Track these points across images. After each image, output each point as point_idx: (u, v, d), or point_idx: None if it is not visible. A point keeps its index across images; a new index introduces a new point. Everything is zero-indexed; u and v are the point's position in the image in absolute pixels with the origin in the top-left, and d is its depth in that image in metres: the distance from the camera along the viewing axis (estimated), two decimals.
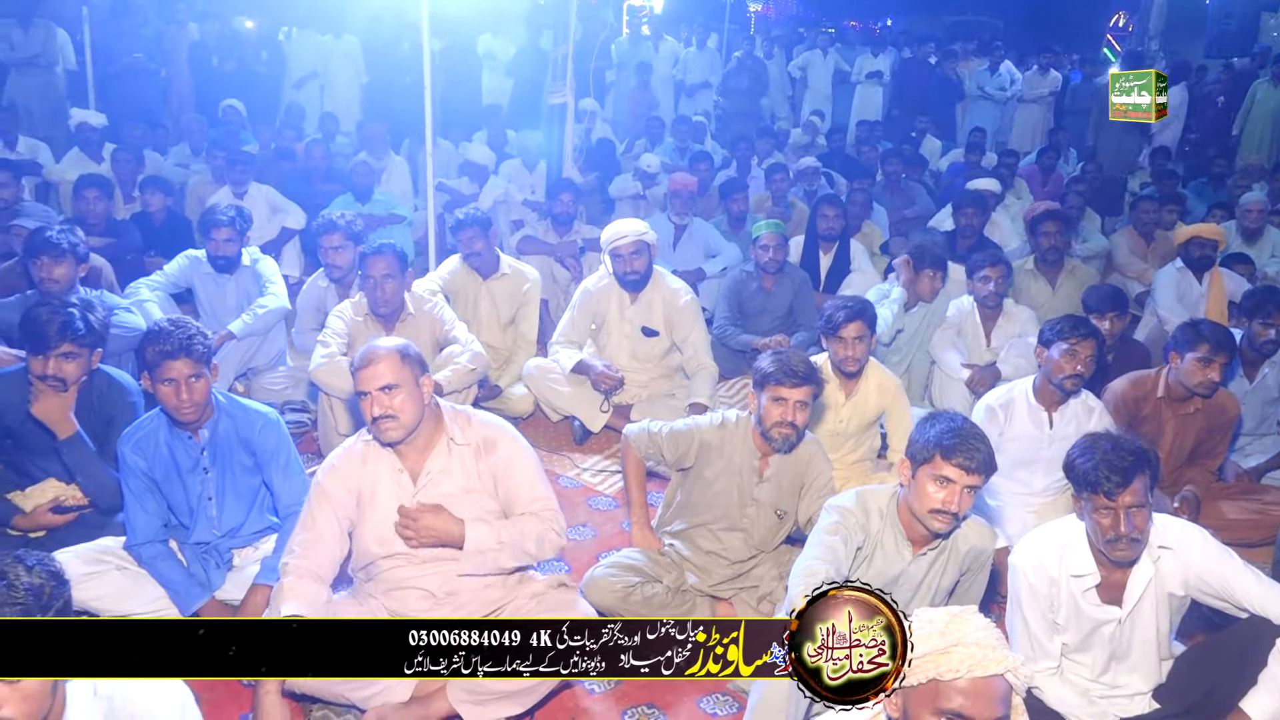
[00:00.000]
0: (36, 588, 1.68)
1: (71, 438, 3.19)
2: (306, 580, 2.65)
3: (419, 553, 2.70)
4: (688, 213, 6.30)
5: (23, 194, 5.85)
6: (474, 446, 2.75)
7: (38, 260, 4.03)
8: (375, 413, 2.60)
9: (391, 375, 2.60)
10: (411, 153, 7.91)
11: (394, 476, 2.71)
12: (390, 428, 2.61)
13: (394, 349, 2.66)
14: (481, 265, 4.94)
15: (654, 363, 4.74)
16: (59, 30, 8.49)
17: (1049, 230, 5.22)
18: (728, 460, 3.21)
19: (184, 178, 7.23)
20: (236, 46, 9.74)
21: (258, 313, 4.78)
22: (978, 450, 2.49)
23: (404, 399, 2.61)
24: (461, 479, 2.73)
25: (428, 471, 2.71)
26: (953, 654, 1.69)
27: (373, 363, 2.62)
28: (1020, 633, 2.65)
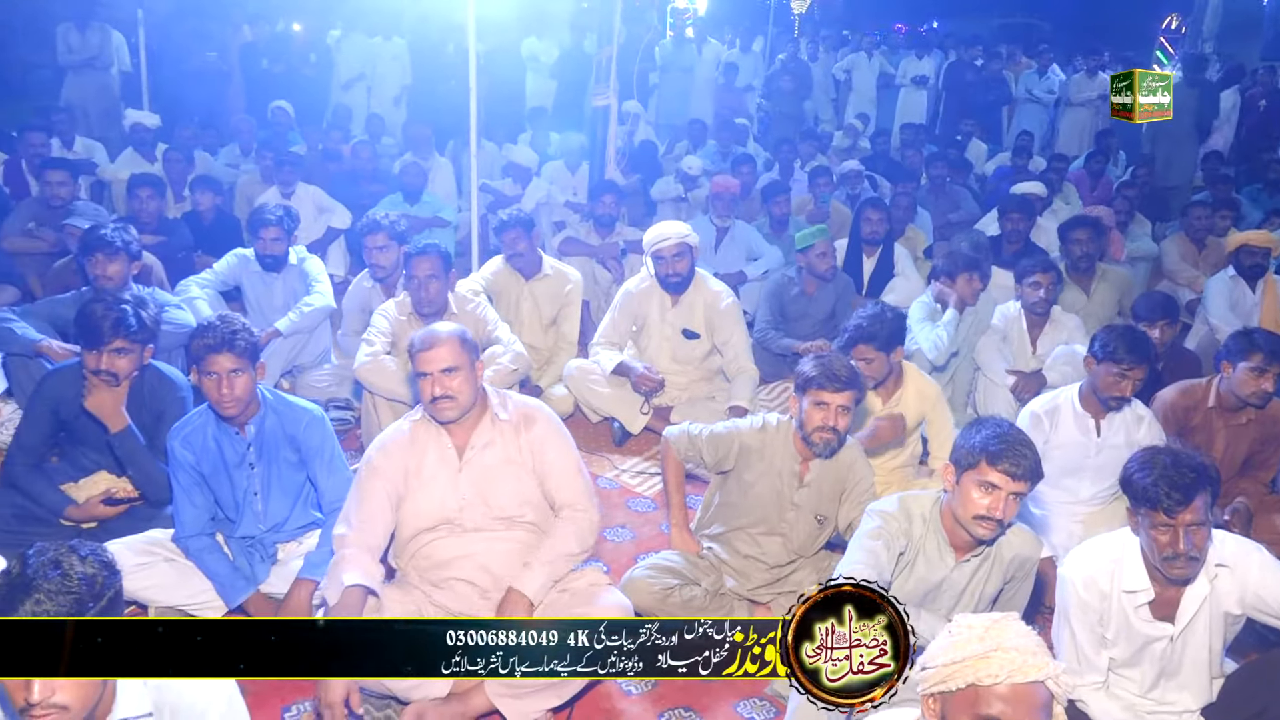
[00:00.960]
0: (90, 577, 1.72)
1: (123, 431, 3.26)
2: (363, 552, 2.73)
3: (464, 523, 2.81)
4: (730, 215, 6.29)
5: (79, 193, 5.98)
6: (514, 422, 2.88)
7: (92, 258, 4.12)
8: (436, 393, 2.74)
9: (453, 358, 2.74)
10: (455, 154, 7.98)
11: (441, 452, 2.84)
12: (448, 407, 2.75)
13: (455, 333, 2.81)
14: (524, 266, 4.97)
15: (694, 365, 4.74)
16: (114, 32, 8.68)
17: (1079, 238, 5.14)
18: (768, 464, 3.20)
19: (233, 178, 7.35)
20: (286, 49, 9.88)
21: (304, 311, 4.85)
22: (1024, 456, 2.45)
23: (462, 381, 2.75)
24: (503, 451, 2.85)
25: (472, 445, 2.84)
26: (992, 659, 1.67)
27: (435, 345, 2.75)
28: (1067, 645, 2.61)
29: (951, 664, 1.70)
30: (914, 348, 4.55)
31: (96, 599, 1.72)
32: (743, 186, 6.93)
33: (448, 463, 2.83)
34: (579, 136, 7.74)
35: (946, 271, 4.64)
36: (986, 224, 6.64)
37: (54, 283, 4.83)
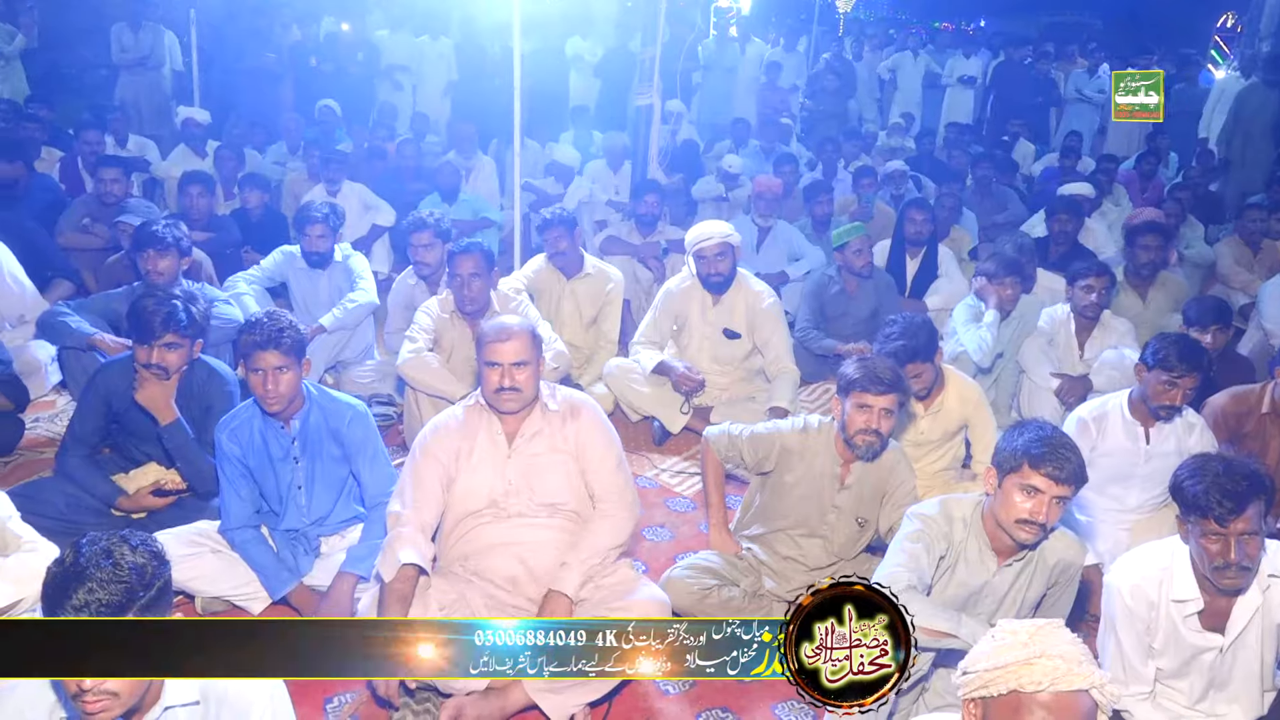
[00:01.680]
0: (140, 567, 1.76)
1: (172, 424, 3.33)
2: (417, 531, 2.80)
3: (508, 509, 2.87)
4: (772, 215, 6.26)
5: (132, 190, 6.11)
6: (562, 413, 2.96)
7: (144, 253, 4.20)
8: (504, 384, 2.83)
9: (524, 353, 2.84)
10: (499, 153, 8.03)
11: (491, 438, 2.92)
12: (512, 399, 2.85)
13: (527, 328, 2.90)
14: (566, 265, 4.99)
15: (735, 365, 4.72)
16: (167, 32, 8.85)
17: (1148, 244, 4.99)
18: (809, 466, 3.18)
19: (281, 175, 7.46)
20: (334, 48, 10.00)
21: (348, 307, 4.91)
22: (1067, 460, 2.41)
23: (528, 376, 2.85)
24: (550, 441, 2.92)
25: (522, 434, 2.91)
26: (1036, 666, 1.65)
27: (510, 338, 2.84)
28: (1113, 655, 2.57)
29: (994, 669, 1.68)
30: (960, 350, 4.51)
31: (146, 588, 1.75)
32: (785, 186, 6.89)
33: (497, 449, 2.90)
34: (621, 136, 7.76)
35: (988, 273, 4.59)
36: (1033, 226, 6.55)
37: (107, 278, 4.94)
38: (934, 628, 2.33)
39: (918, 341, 3.59)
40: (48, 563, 2.21)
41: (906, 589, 2.40)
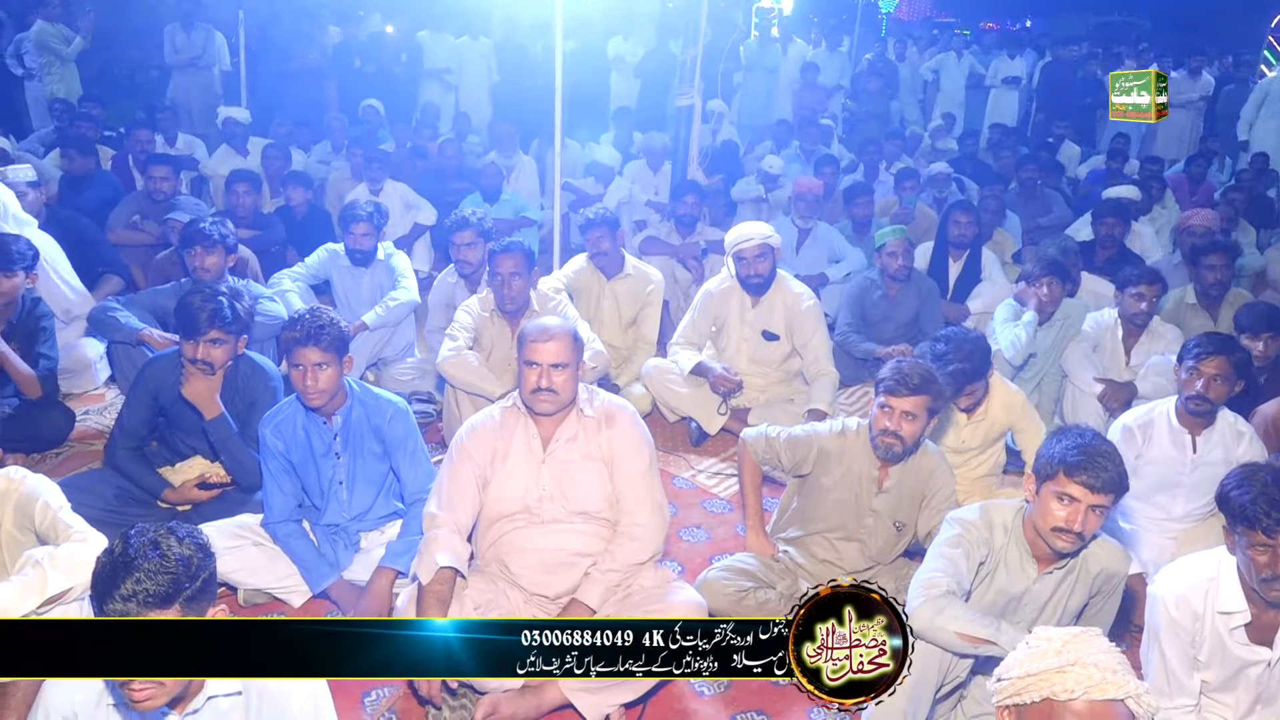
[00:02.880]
0: (186, 558, 1.79)
1: (217, 418, 3.38)
2: (453, 533, 2.80)
3: (542, 514, 2.86)
4: (812, 216, 6.23)
5: (180, 187, 6.22)
6: (598, 419, 2.93)
7: (191, 250, 4.28)
8: (541, 384, 2.81)
9: (564, 355, 2.82)
10: (539, 153, 8.07)
11: (527, 441, 2.90)
12: (548, 400, 2.83)
13: (569, 330, 2.88)
14: (607, 265, 5.00)
15: (774, 367, 4.70)
16: (217, 33, 9.01)
17: (1214, 263, 4.76)
18: (846, 469, 3.16)
19: (324, 174, 7.56)
20: (378, 49, 10.11)
21: (389, 305, 4.96)
22: (1103, 469, 2.37)
23: (566, 378, 2.83)
24: (584, 447, 2.91)
25: (557, 438, 2.90)
26: (1069, 673, 1.63)
27: (551, 339, 2.82)
28: (1156, 667, 2.52)
29: (1027, 676, 1.66)
30: (994, 347, 4.47)
31: (192, 579, 1.78)
32: (826, 187, 6.85)
33: (532, 453, 2.89)
34: (662, 136, 7.75)
35: (1030, 275, 4.53)
36: (1078, 229, 6.45)
37: (156, 274, 5.03)
38: (972, 634, 2.31)
39: (974, 363, 3.56)
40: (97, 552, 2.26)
41: (945, 594, 2.38)
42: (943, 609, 2.34)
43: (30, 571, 2.30)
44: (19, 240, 3.99)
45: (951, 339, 3.62)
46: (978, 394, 3.65)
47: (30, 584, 2.28)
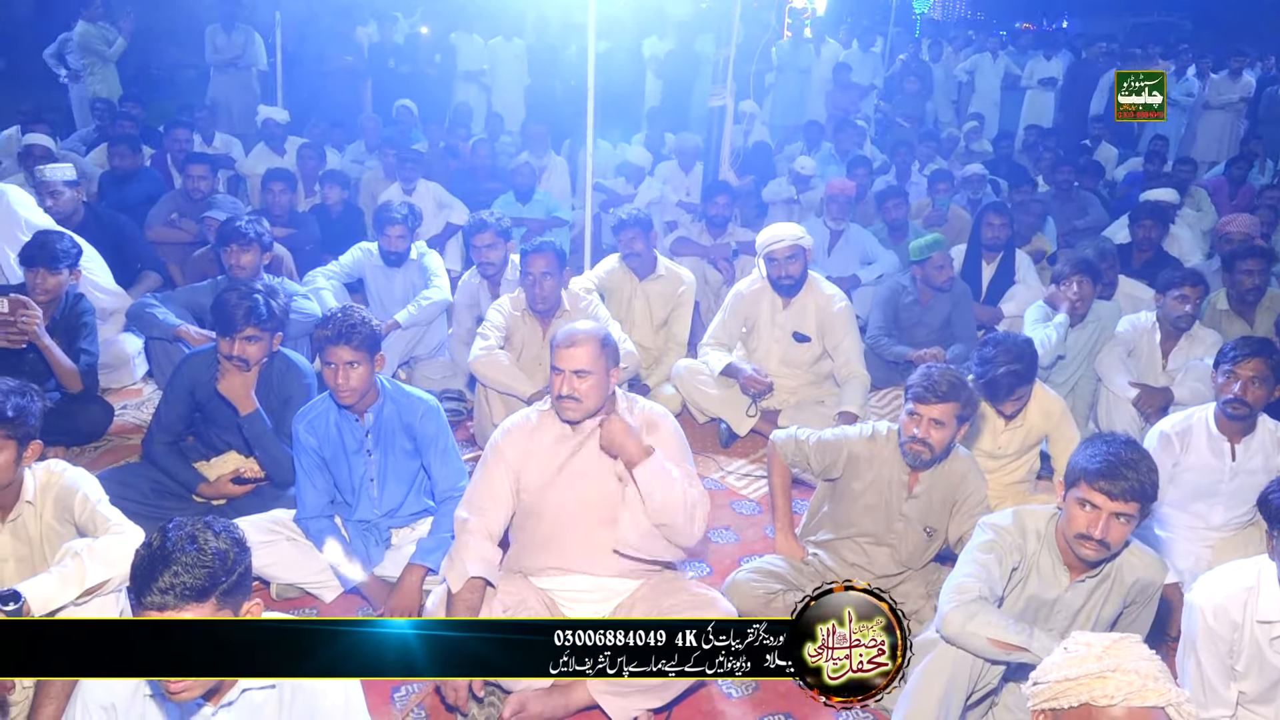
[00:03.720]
0: (223, 552, 1.81)
1: (252, 414, 3.42)
2: (484, 540, 2.77)
3: (570, 515, 2.82)
4: (844, 218, 6.20)
5: (218, 186, 6.30)
6: (638, 427, 2.84)
7: (228, 248, 4.34)
8: (563, 391, 2.75)
9: (587, 362, 2.74)
10: (571, 153, 8.09)
11: (563, 445, 2.84)
12: (572, 408, 2.76)
13: (596, 336, 2.78)
14: (639, 266, 5.00)
15: (804, 369, 4.69)
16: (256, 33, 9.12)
17: (1250, 269, 4.66)
18: (876, 473, 3.14)
19: (358, 174, 7.62)
20: (412, 49, 10.18)
21: (422, 304, 4.99)
22: (1123, 477, 2.34)
23: (591, 385, 2.75)
24: None
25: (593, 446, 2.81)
26: (1109, 679, 1.61)
27: (574, 345, 2.75)
28: (1193, 676, 2.49)
29: (1065, 680, 1.64)
30: None
31: (228, 574, 1.80)
32: (859, 189, 6.82)
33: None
34: (694, 137, 7.74)
35: (1060, 275, 4.48)
36: (1115, 232, 6.37)
37: (193, 271, 5.09)
38: (1005, 640, 2.29)
39: (1024, 364, 3.52)
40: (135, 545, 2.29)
41: (977, 599, 2.36)
42: (975, 614, 2.33)
43: (70, 563, 2.34)
44: (64, 238, 4.06)
45: (999, 342, 3.57)
46: (1024, 399, 3.60)
47: (70, 575, 2.32)
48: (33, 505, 2.57)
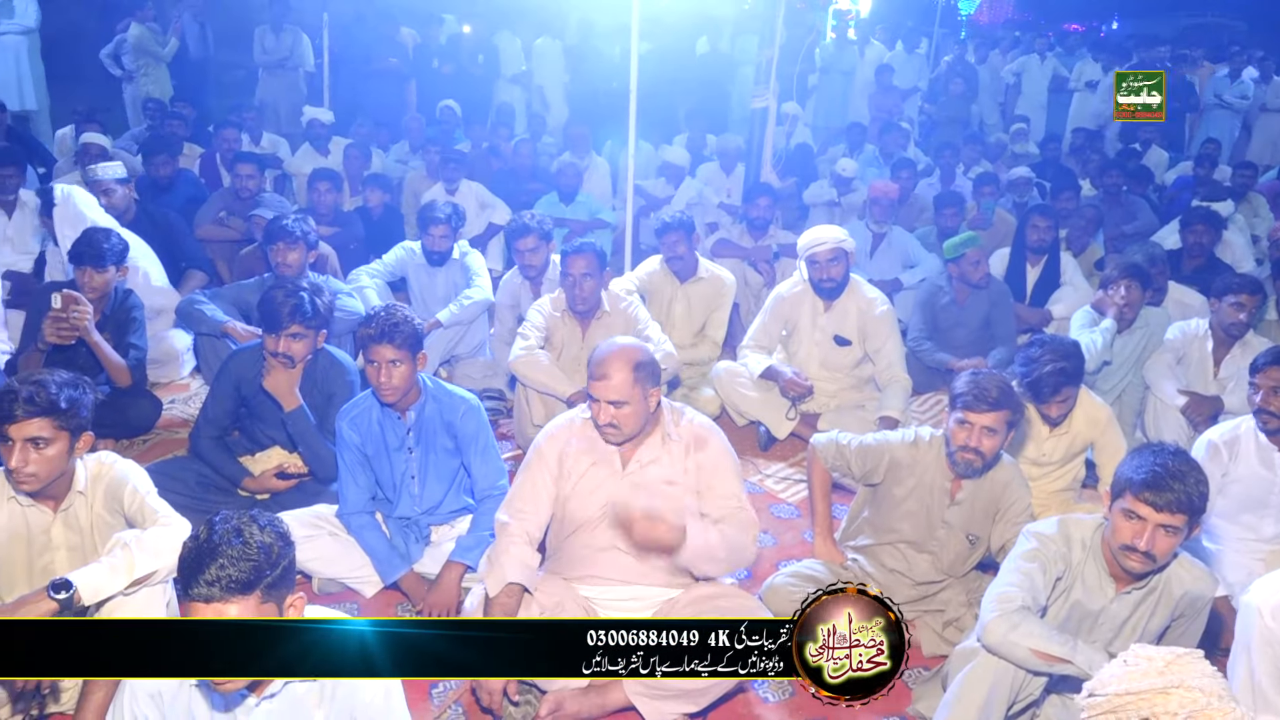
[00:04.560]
0: (268, 546, 1.84)
1: (296, 410, 3.47)
2: (523, 545, 2.76)
3: (614, 531, 2.79)
4: (887, 221, 6.15)
5: (265, 185, 6.40)
6: (685, 443, 2.83)
7: (274, 246, 4.40)
8: (601, 420, 2.71)
9: (622, 392, 2.68)
10: (612, 154, 8.11)
11: (607, 456, 2.83)
12: (612, 435, 2.74)
13: (630, 363, 2.68)
14: (681, 269, 4.99)
15: (845, 372, 4.65)
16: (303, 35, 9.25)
17: None
18: (918, 479, 3.11)
19: (402, 173, 7.70)
20: (456, 50, 10.27)
21: (464, 304, 5.03)
22: (1169, 488, 2.30)
23: (628, 414, 2.70)
24: (667, 470, 2.81)
25: (639, 460, 2.81)
26: (1172, 695, 1.58)
27: (607, 376, 2.68)
28: (1243, 680, 2.43)
29: (1126, 694, 1.61)
30: None
31: (273, 567, 1.83)
32: (902, 192, 6.76)
33: (612, 471, 2.83)
34: (736, 138, 7.72)
35: (1109, 280, 4.40)
36: (1164, 237, 6.26)
37: (241, 268, 5.18)
38: (1047, 651, 2.26)
39: (1071, 363, 3.46)
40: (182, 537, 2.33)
41: (1020, 609, 2.33)
42: (1017, 624, 2.30)
43: (119, 553, 2.39)
44: (109, 236, 4.14)
45: (1045, 341, 3.52)
46: (1070, 402, 3.55)
47: (119, 565, 2.36)
48: (84, 496, 2.63)
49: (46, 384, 2.48)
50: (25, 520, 2.60)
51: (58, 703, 2.59)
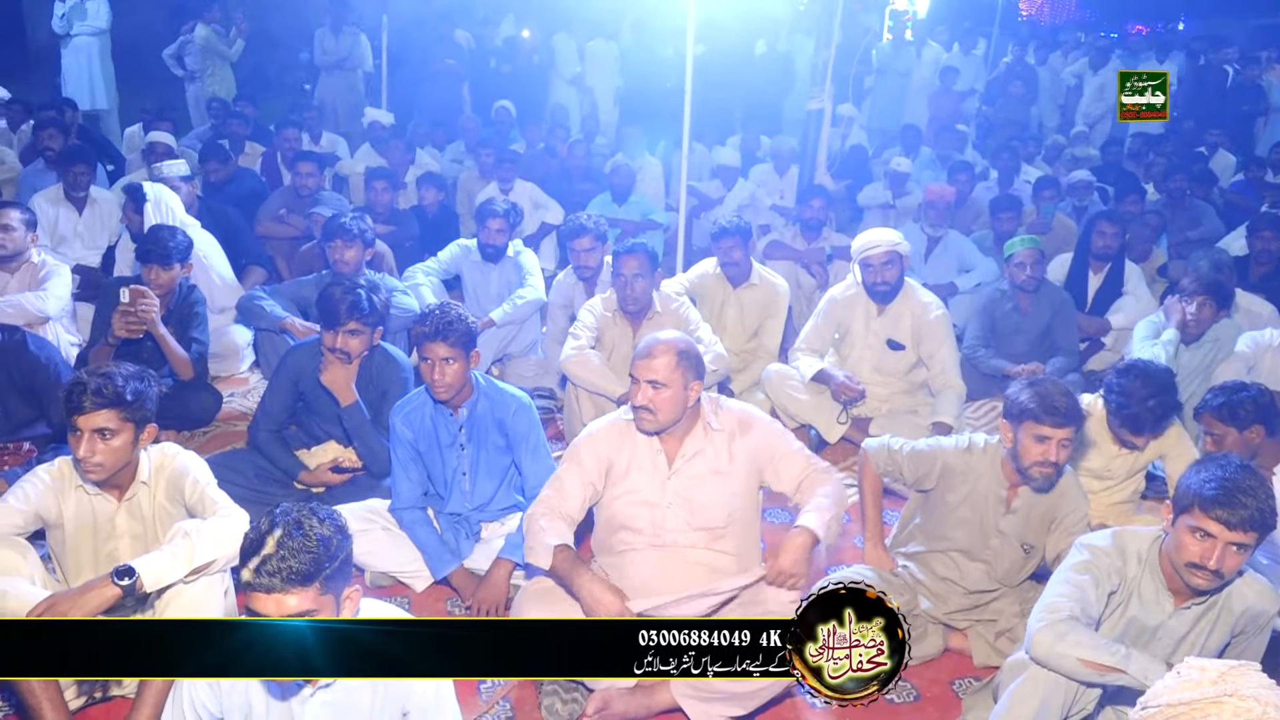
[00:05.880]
0: (326, 539, 1.87)
1: (351, 406, 3.52)
2: (556, 519, 2.77)
3: (663, 532, 2.81)
4: (943, 224, 6.07)
5: (324, 183, 6.51)
6: (728, 431, 2.85)
7: (332, 243, 4.48)
8: (638, 401, 2.75)
9: (663, 374, 2.72)
10: (666, 155, 8.12)
11: (651, 457, 2.85)
12: (646, 419, 2.77)
13: (675, 349, 2.76)
14: (735, 274, 4.95)
15: (898, 377, 4.60)
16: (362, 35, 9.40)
17: None
18: (972, 487, 3.06)
19: (457, 173, 7.79)
20: (513, 51, 10.35)
21: (517, 303, 5.07)
22: (1242, 505, 2.22)
23: (667, 398, 2.74)
24: (712, 461, 2.83)
25: (683, 454, 2.84)
26: (1226, 705, 1.55)
27: (651, 356, 2.74)
28: None
29: (1178, 704, 1.58)
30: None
31: (331, 560, 1.86)
32: (959, 195, 6.67)
33: (657, 468, 2.85)
34: (789, 140, 7.68)
35: (1185, 290, 4.29)
36: (1229, 243, 6.09)
37: (300, 265, 5.28)
38: (1096, 661, 2.21)
39: (1171, 397, 3.35)
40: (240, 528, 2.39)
41: (1067, 619, 2.28)
42: (1064, 634, 2.25)
43: (180, 542, 2.45)
44: (174, 235, 4.23)
45: (1140, 372, 3.39)
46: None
47: (180, 554, 2.42)
48: (147, 486, 2.70)
49: (113, 377, 2.55)
50: (92, 509, 2.68)
51: (120, 687, 2.66)
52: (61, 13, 9.02)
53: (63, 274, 4.59)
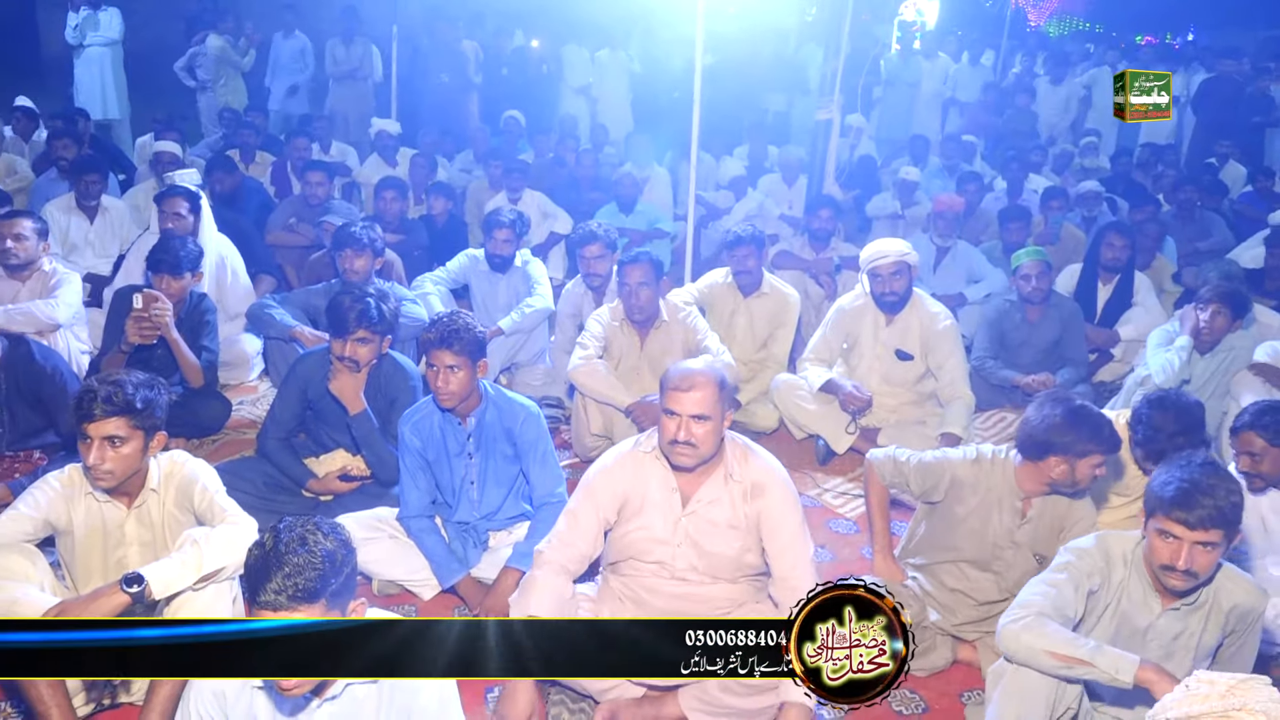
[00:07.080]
0: (331, 553, 1.87)
1: (360, 414, 3.53)
2: (558, 574, 2.68)
3: (676, 567, 2.73)
4: (952, 235, 6.06)
5: (334, 193, 6.54)
6: (745, 487, 2.71)
7: (342, 252, 4.49)
8: (679, 436, 2.59)
9: (707, 406, 2.58)
10: (674, 165, 8.13)
11: (665, 494, 2.72)
12: (686, 454, 2.62)
13: (716, 378, 2.62)
14: (747, 283, 4.94)
15: (906, 387, 4.59)
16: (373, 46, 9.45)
17: None
18: (982, 499, 3.04)
19: (466, 182, 7.81)
20: (522, 61, 10.39)
21: (525, 312, 5.08)
22: (1200, 505, 2.23)
23: (709, 431, 2.60)
24: (728, 512, 2.70)
25: (699, 499, 2.70)
26: (1234, 718, 1.54)
27: (693, 388, 2.58)
28: None
29: (1187, 718, 1.58)
30: (1144, 373, 4.26)
31: (337, 575, 1.86)
32: (968, 205, 6.66)
33: (671, 507, 2.72)
34: (798, 150, 7.69)
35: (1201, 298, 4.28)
36: (1240, 254, 6.07)
37: (309, 274, 5.29)
38: (1061, 652, 2.22)
39: (1199, 432, 3.20)
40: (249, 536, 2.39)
41: (1036, 615, 2.30)
42: (1031, 627, 2.28)
43: (189, 549, 2.45)
44: (185, 244, 4.25)
45: (1168, 405, 3.23)
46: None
47: (189, 561, 2.42)
48: (156, 493, 2.70)
49: (124, 384, 2.56)
50: (101, 516, 2.69)
51: (128, 694, 2.66)
52: (75, 23, 9.10)
53: (73, 282, 4.61)
